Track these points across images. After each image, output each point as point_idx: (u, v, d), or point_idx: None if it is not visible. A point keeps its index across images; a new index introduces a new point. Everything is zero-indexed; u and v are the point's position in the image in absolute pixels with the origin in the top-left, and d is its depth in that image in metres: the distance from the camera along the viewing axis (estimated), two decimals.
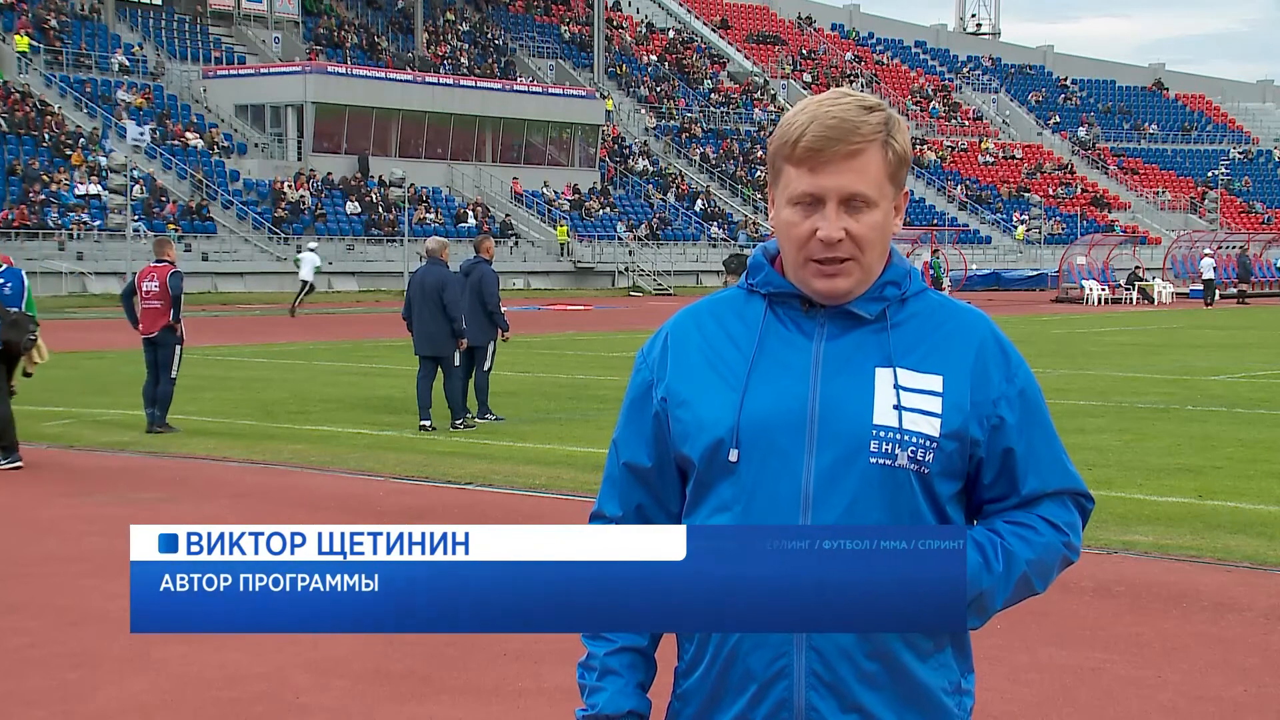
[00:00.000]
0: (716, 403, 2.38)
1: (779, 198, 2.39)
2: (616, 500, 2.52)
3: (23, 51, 56.59)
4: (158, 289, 15.07)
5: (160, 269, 15.25)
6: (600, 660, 2.46)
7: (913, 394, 2.34)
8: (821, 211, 2.33)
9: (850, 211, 2.33)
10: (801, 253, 2.36)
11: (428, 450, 13.47)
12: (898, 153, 2.37)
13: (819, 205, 2.33)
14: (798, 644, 2.31)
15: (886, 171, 2.36)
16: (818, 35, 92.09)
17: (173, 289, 14.98)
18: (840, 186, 2.32)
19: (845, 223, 2.32)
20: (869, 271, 2.37)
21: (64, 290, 45.94)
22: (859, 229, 2.33)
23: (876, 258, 2.38)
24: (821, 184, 2.33)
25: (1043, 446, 2.42)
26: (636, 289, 57.92)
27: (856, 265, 2.35)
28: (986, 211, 77.23)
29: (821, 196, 2.33)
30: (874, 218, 2.35)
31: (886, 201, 2.37)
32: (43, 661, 6.70)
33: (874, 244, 2.36)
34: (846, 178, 2.32)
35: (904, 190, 2.44)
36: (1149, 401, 17.40)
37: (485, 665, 6.64)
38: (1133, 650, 6.94)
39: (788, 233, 2.37)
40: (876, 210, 2.35)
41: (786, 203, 2.37)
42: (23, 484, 11.88)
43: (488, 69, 71.42)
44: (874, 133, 2.34)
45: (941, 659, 2.38)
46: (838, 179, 2.32)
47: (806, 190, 2.34)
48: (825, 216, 2.32)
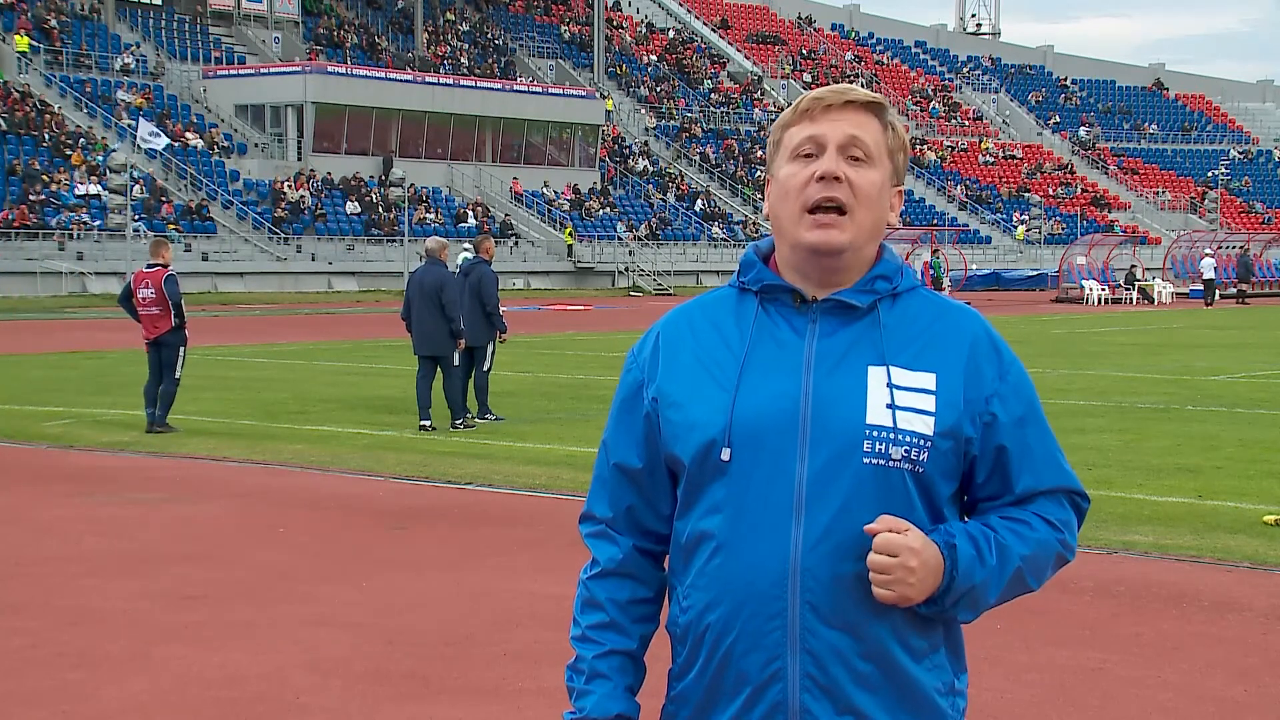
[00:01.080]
0: (708, 403, 2.36)
1: (779, 163, 2.42)
2: (606, 501, 2.51)
3: (23, 51, 56.60)
4: (154, 295, 14.85)
5: (154, 274, 14.95)
6: (589, 663, 2.45)
7: (906, 392, 2.32)
8: (821, 157, 2.36)
9: (849, 162, 2.36)
10: (799, 200, 2.36)
11: (428, 450, 13.47)
12: (896, 135, 2.41)
13: (819, 153, 2.36)
14: (792, 647, 2.30)
15: (885, 143, 2.39)
16: (818, 35, 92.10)
17: (171, 295, 14.77)
18: (841, 131, 2.36)
19: (844, 168, 2.35)
20: (861, 232, 2.36)
21: (64, 290, 45.95)
22: (857, 178, 2.36)
23: (870, 223, 2.37)
24: (822, 129, 2.37)
25: (1037, 444, 2.40)
26: (636, 289, 57.93)
27: (850, 221, 2.35)
28: (986, 211, 77.24)
29: (822, 141, 2.36)
30: (872, 175, 2.37)
31: (884, 171, 2.39)
32: (43, 661, 6.70)
33: (869, 201, 2.36)
34: (846, 123, 2.37)
35: (900, 187, 2.44)
36: (1149, 401, 17.39)
37: (485, 665, 6.64)
38: (1133, 650, 6.93)
39: (786, 185, 2.38)
40: (874, 170, 2.37)
41: (788, 159, 2.39)
42: (23, 484, 11.88)
43: (488, 69, 71.42)
44: (873, 100, 2.40)
45: (936, 660, 2.37)
46: (838, 124, 2.37)
47: (808, 135, 2.38)
48: (825, 158, 2.36)
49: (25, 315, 38.59)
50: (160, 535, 9.74)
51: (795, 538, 2.30)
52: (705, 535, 2.36)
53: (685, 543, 2.40)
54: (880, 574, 2.26)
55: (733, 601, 2.33)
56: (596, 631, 2.46)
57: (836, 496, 2.30)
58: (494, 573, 8.55)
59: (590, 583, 2.50)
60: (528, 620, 7.38)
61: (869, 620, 2.30)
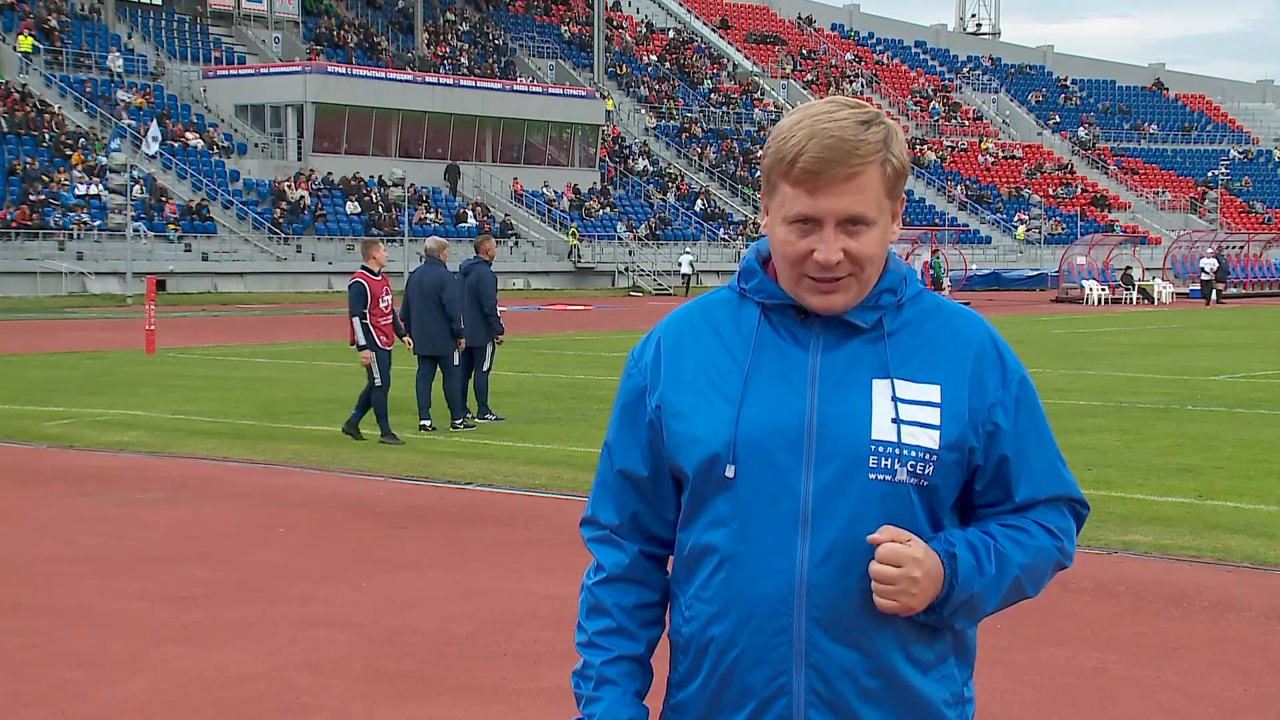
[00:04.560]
0: (712, 416, 2.33)
1: (774, 213, 2.34)
2: (611, 507, 2.48)
3: (25, 52, 56.59)
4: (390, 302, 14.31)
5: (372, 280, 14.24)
6: (597, 669, 2.43)
7: (911, 406, 2.30)
8: (819, 233, 2.27)
9: (848, 232, 2.28)
10: (797, 270, 2.31)
11: (428, 450, 13.47)
12: (896, 167, 2.31)
13: (817, 227, 2.28)
14: (797, 662, 2.29)
15: (885, 188, 2.30)
16: (818, 35, 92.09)
17: (351, 302, 14.02)
18: (839, 209, 2.26)
19: (843, 243, 2.28)
20: (866, 285, 2.33)
21: (64, 290, 45.94)
22: (857, 248, 2.28)
23: (874, 271, 2.33)
24: (820, 206, 2.26)
25: (1037, 452, 2.39)
26: (636, 289, 57.93)
27: (854, 281, 2.31)
28: (986, 211, 77.22)
29: (820, 219, 2.27)
30: (872, 235, 2.30)
31: (885, 217, 2.32)
32: (43, 661, 6.70)
33: (872, 260, 2.31)
34: (845, 200, 2.26)
35: (901, 198, 2.40)
36: (1149, 401, 17.39)
37: (485, 665, 6.64)
38: (1133, 650, 6.93)
39: (783, 250, 2.32)
40: (875, 228, 2.30)
41: (782, 221, 2.31)
42: (23, 484, 11.87)
43: (488, 69, 71.41)
44: (873, 152, 2.27)
45: (944, 670, 2.36)
46: (836, 202, 2.26)
47: (804, 213, 2.28)
48: (823, 239, 2.27)
49: (25, 315, 38.58)
50: (160, 535, 9.73)
51: (801, 553, 2.28)
52: (709, 548, 2.34)
53: (689, 553, 2.38)
54: (884, 584, 2.24)
55: (738, 616, 2.31)
56: (603, 637, 2.44)
57: (842, 512, 2.28)
58: (494, 573, 8.55)
59: (595, 588, 2.47)
60: (528, 620, 7.38)
61: (875, 635, 2.29)
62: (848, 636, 2.28)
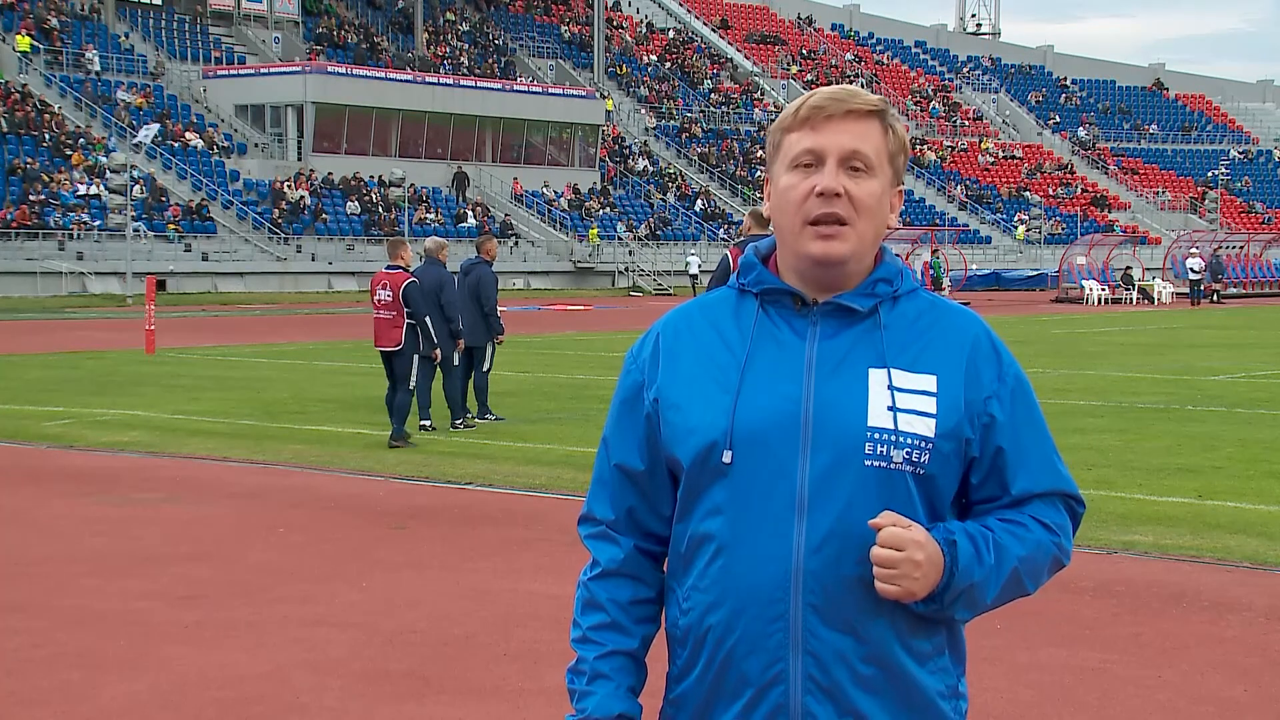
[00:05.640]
0: (709, 405, 2.35)
1: (779, 168, 2.40)
2: (608, 502, 2.49)
3: (24, 51, 56.59)
4: (390, 299, 13.96)
5: (395, 277, 13.99)
6: (590, 664, 2.44)
7: (907, 394, 2.32)
8: (821, 170, 2.34)
9: (849, 174, 2.34)
10: (799, 214, 2.35)
11: (428, 450, 13.47)
12: (897, 137, 2.39)
13: (819, 165, 2.34)
14: (794, 649, 2.30)
15: (886, 149, 2.38)
16: (818, 35, 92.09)
17: (408, 303, 13.78)
18: (841, 144, 2.34)
19: (844, 182, 2.34)
20: (863, 242, 2.35)
21: (64, 290, 45.93)
22: (857, 191, 2.34)
23: (871, 233, 2.36)
24: (822, 141, 2.34)
25: (1033, 446, 2.40)
26: (636, 289, 57.94)
27: (852, 230, 2.34)
28: (986, 211, 77.22)
29: (822, 154, 2.34)
30: (872, 185, 2.35)
31: (884, 179, 2.37)
32: (43, 661, 6.70)
33: (870, 212, 2.35)
34: (847, 135, 2.34)
35: (900, 188, 2.44)
36: (1149, 401, 17.39)
37: (485, 665, 6.64)
38: (1133, 650, 6.93)
39: (786, 196, 2.36)
40: (875, 179, 2.35)
41: (787, 168, 2.37)
42: (23, 484, 11.88)
43: (488, 69, 71.41)
44: (874, 105, 2.37)
45: (940, 663, 2.37)
46: (839, 136, 2.34)
47: (808, 148, 2.35)
48: (824, 172, 2.34)
49: (25, 315, 38.59)
50: (160, 535, 9.73)
51: (797, 540, 2.29)
52: (706, 537, 2.35)
53: (686, 545, 2.39)
54: (885, 568, 2.25)
55: (734, 603, 2.32)
56: (597, 632, 2.45)
57: (839, 499, 2.29)
58: (494, 573, 8.55)
59: (591, 584, 2.48)
60: (528, 620, 7.39)
61: (871, 622, 2.29)
62: (844, 623, 2.29)
